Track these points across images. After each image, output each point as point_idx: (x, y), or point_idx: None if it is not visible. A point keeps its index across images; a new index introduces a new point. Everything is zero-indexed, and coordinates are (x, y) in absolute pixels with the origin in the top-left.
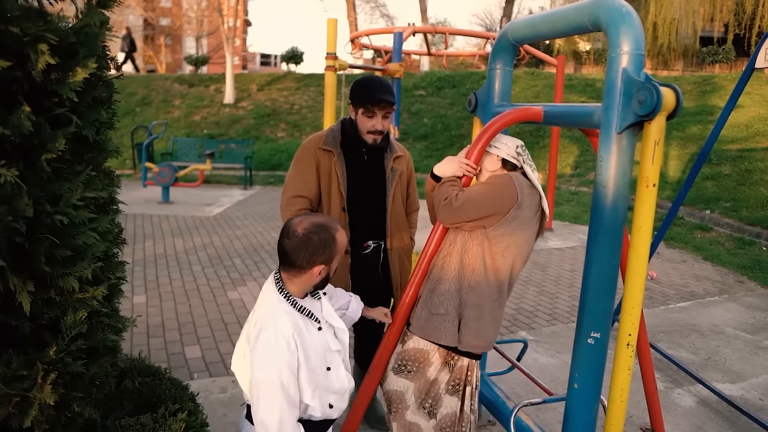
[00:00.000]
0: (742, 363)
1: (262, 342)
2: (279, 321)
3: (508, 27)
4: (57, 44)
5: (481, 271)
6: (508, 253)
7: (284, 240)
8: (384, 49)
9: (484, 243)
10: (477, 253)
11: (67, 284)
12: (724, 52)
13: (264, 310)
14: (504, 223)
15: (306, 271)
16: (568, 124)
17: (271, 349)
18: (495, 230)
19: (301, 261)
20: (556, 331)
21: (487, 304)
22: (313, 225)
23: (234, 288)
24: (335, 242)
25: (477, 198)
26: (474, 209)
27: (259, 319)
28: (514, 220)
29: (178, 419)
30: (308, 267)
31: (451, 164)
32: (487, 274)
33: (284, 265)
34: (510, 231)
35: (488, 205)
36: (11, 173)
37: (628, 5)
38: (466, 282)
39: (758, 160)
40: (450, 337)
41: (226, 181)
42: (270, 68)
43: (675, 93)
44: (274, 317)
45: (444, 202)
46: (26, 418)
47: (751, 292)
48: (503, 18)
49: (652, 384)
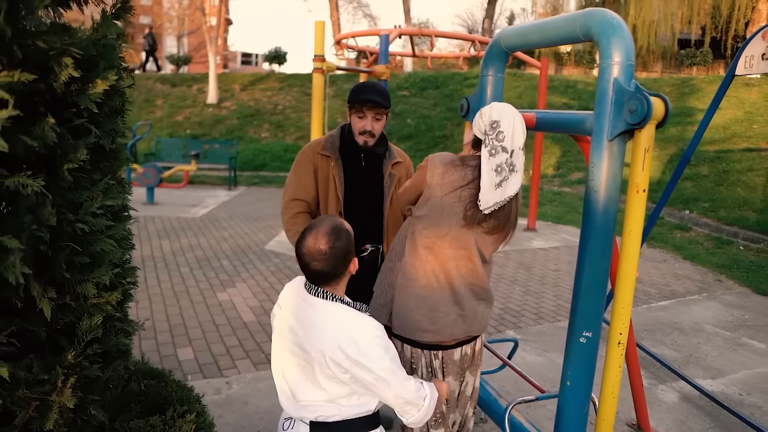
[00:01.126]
0: (722, 359)
1: (366, 347)
2: (359, 321)
3: (500, 35)
4: (80, 57)
5: (409, 255)
6: (430, 236)
7: (313, 263)
8: (369, 50)
9: (413, 224)
10: (406, 234)
11: (85, 290)
12: (702, 55)
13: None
14: (420, 204)
15: (347, 273)
16: (560, 130)
17: (375, 346)
18: (416, 211)
19: (341, 269)
20: (543, 330)
21: (412, 291)
22: (328, 233)
23: (223, 289)
24: (350, 231)
25: (406, 183)
26: (403, 194)
27: (339, 336)
28: (427, 200)
29: (187, 420)
30: (347, 268)
31: None
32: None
33: (325, 281)
34: (426, 213)
35: (409, 189)
36: (37, 183)
37: (618, 17)
38: (396, 262)
39: (735, 161)
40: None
41: (211, 182)
42: (251, 67)
43: (664, 103)
44: (353, 322)
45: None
46: (47, 421)
47: (729, 290)
48: (485, 19)
49: (638, 381)
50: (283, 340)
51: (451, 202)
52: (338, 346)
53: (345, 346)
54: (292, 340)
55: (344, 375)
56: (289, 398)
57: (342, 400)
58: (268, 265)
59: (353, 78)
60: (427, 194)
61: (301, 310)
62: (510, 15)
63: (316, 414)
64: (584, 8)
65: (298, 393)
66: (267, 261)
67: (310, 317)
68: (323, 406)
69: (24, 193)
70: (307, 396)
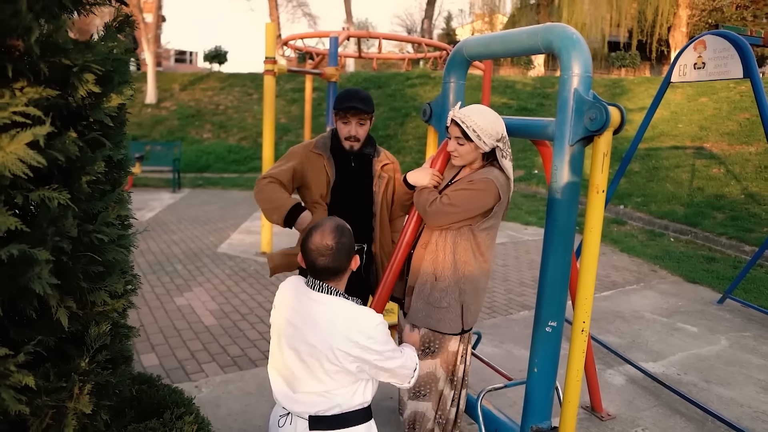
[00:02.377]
0: (662, 343)
1: (373, 332)
2: (363, 313)
3: (463, 44)
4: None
5: (473, 263)
6: (491, 241)
7: (320, 259)
8: (315, 51)
9: (470, 238)
10: (467, 247)
11: (98, 298)
12: (630, 57)
13: (344, 317)
14: (488, 219)
15: (349, 269)
16: (524, 135)
17: (379, 330)
18: (481, 225)
19: (345, 264)
20: (497, 323)
21: (481, 287)
22: (334, 231)
23: (180, 294)
24: (351, 231)
25: (462, 203)
26: (460, 213)
27: (348, 326)
28: (495, 214)
29: (187, 422)
30: (349, 264)
31: (424, 175)
32: (479, 264)
33: (330, 276)
34: (493, 223)
35: (473, 209)
36: (63, 196)
37: (578, 33)
38: (461, 275)
39: (663, 158)
40: (454, 326)
41: (153, 185)
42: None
43: (620, 111)
44: (357, 314)
45: (430, 208)
46: (66, 428)
47: (663, 279)
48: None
49: (591, 367)
50: (282, 338)
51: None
52: (347, 337)
53: (354, 336)
54: (294, 336)
55: (352, 364)
56: (287, 394)
57: (341, 391)
58: (223, 269)
59: (295, 78)
60: (497, 209)
61: (304, 307)
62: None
63: (315, 408)
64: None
65: (298, 387)
66: (221, 264)
67: (315, 313)
68: (322, 400)
69: (51, 206)
70: (306, 389)
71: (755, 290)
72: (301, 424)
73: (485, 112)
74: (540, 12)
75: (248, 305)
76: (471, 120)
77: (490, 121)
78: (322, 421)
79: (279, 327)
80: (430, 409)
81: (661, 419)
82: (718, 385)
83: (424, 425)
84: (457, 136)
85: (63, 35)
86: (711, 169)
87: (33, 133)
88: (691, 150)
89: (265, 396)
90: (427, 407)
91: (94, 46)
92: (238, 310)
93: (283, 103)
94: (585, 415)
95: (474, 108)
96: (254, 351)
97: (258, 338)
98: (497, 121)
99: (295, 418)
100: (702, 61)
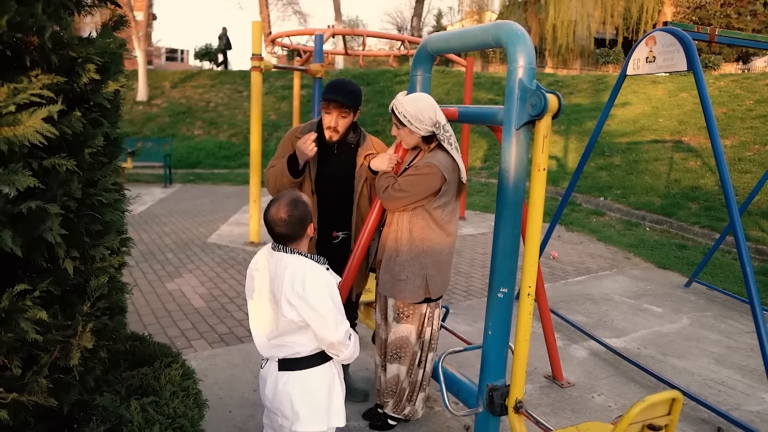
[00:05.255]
0: (626, 322)
1: (311, 286)
2: (312, 267)
3: (427, 40)
4: (100, 64)
5: (434, 237)
6: (450, 216)
7: (276, 228)
8: (302, 48)
9: (426, 216)
10: (423, 225)
11: (98, 254)
12: (615, 54)
13: (292, 269)
14: (439, 198)
15: (305, 235)
16: (478, 122)
17: (321, 286)
18: (433, 205)
19: (299, 232)
20: (472, 305)
21: (444, 260)
22: (287, 204)
23: (171, 280)
24: (306, 203)
25: (410, 188)
26: (410, 197)
27: (293, 277)
28: (445, 193)
29: (173, 369)
30: (305, 231)
31: (383, 160)
32: (440, 237)
33: (288, 241)
34: (446, 200)
35: (421, 192)
36: (70, 163)
37: (522, 29)
38: (421, 250)
39: (643, 152)
40: (414, 295)
41: (145, 180)
42: (178, 64)
43: (558, 98)
44: (305, 267)
45: (383, 194)
46: (71, 359)
47: (635, 266)
48: (414, 17)
49: (551, 340)
50: (262, 291)
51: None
52: (291, 284)
53: (296, 284)
54: (269, 288)
55: (293, 312)
56: (263, 341)
57: (296, 338)
58: (212, 257)
59: (285, 75)
60: (445, 189)
61: (271, 264)
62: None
63: (282, 353)
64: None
65: (269, 333)
66: (211, 253)
67: (277, 268)
68: (285, 346)
69: (60, 171)
70: (274, 338)
71: (721, 275)
72: (274, 366)
73: (418, 101)
74: (528, 9)
75: (236, 290)
76: (403, 107)
77: (421, 108)
78: (288, 363)
79: (259, 283)
80: (404, 372)
81: (617, 386)
82: (673, 357)
83: (400, 384)
84: (395, 122)
85: (69, 32)
86: (688, 162)
87: (48, 109)
88: (670, 144)
89: (250, 367)
90: (402, 370)
91: (94, 41)
92: (226, 294)
93: (273, 100)
94: (546, 383)
95: (410, 97)
96: (241, 329)
97: (244, 318)
98: (429, 109)
99: (270, 361)
100: (653, 55)
